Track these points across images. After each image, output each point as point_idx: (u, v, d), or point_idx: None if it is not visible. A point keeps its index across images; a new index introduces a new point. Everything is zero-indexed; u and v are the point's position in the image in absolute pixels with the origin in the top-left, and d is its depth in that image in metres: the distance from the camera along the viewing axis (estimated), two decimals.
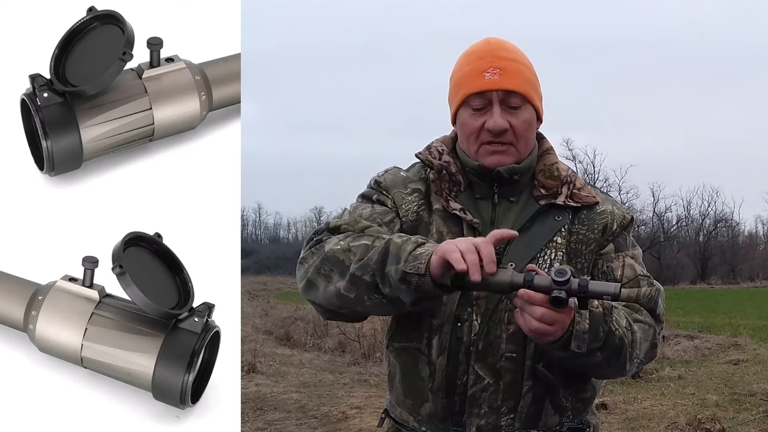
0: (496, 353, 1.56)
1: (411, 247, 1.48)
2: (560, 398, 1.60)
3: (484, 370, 1.56)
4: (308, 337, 11.40)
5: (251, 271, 30.54)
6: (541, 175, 1.67)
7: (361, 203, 1.70)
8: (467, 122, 1.64)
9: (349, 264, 1.52)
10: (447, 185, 1.64)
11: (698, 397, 6.99)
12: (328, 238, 1.60)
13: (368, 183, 1.73)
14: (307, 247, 1.62)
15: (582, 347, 1.49)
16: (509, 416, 1.57)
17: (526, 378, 1.57)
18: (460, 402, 1.57)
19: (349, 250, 1.54)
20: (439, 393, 1.58)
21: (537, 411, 1.58)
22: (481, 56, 1.64)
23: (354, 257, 1.53)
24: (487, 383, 1.56)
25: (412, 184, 1.68)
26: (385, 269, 1.48)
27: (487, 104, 1.61)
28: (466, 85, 1.63)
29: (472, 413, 1.57)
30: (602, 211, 1.66)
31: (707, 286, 29.40)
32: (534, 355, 1.57)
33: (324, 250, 1.57)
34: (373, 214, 1.65)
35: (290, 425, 6.46)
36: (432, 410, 1.59)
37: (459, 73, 1.67)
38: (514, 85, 1.61)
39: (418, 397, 1.61)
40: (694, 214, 42.40)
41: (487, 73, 1.61)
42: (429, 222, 1.63)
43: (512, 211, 1.64)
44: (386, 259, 1.49)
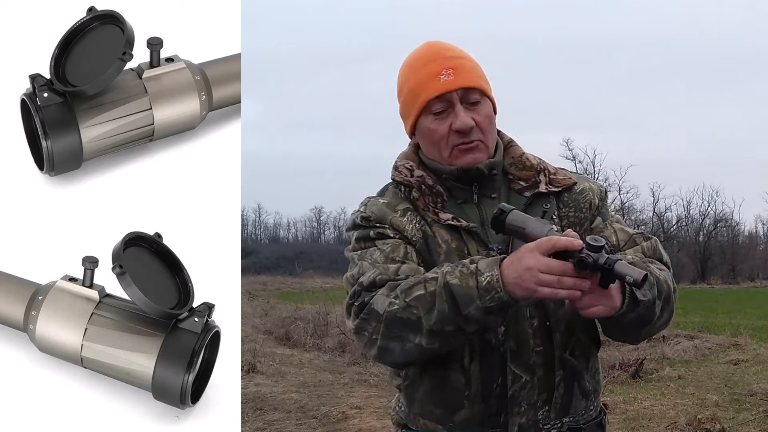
0: (528, 350, 1.58)
1: (473, 282, 1.45)
2: (585, 382, 1.64)
3: (520, 368, 1.57)
4: (308, 337, 11.38)
5: (251, 271, 30.51)
6: (513, 169, 1.67)
7: (367, 248, 1.62)
8: (432, 128, 1.63)
9: (417, 320, 1.48)
10: (430, 199, 1.63)
11: (698, 397, 6.98)
12: (370, 298, 1.54)
13: (352, 224, 1.67)
14: (353, 314, 1.55)
15: (647, 295, 1.49)
16: (544, 409, 1.59)
17: (557, 369, 1.60)
18: (497, 404, 1.58)
19: (408, 306, 1.49)
20: (476, 399, 1.58)
21: (568, 399, 1.61)
22: (429, 60, 1.63)
23: (419, 312, 1.48)
24: (524, 381, 1.58)
25: (399, 206, 1.65)
26: (463, 313, 1.46)
27: (448, 106, 1.61)
28: (424, 92, 1.61)
29: (513, 413, 1.58)
30: (582, 190, 1.69)
31: (707, 286, 29.37)
32: (561, 345, 1.60)
33: (378, 313, 1.51)
34: (388, 255, 1.59)
35: (290, 425, 6.46)
36: (468, 416, 1.59)
37: (410, 83, 1.65)
38: (470, 81, 1.62)
39: (450, 406, 1.60)
40: (694, 214, 42.45)
41: (442, 75, 1.60)
42: (433, 234, 1.62)
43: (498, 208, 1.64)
44: (457, 304, 1.45)
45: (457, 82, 1.60)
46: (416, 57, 1.66)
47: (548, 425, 1.59)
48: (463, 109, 1.60)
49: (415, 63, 1.65)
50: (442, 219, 1.61)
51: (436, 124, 1.62)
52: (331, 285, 16.69)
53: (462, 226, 1.60)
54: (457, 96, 1.60)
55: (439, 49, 1.66)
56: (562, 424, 1.60)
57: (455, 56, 1.64)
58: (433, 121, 1.62)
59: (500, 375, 1.57)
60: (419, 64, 1.64)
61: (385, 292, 1.53)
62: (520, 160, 1.68)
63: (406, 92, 1.66)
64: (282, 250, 48.13)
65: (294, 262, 33.74)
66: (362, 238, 1.64)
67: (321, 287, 16.11)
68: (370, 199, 1.68)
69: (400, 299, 1.50)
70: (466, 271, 1.47)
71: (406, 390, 1.66)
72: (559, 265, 1.41)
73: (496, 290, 1.44)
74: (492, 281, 1.44)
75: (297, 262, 31.89)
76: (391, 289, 1.52)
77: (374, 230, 1.63)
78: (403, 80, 1.67)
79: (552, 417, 1.60)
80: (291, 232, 61.60)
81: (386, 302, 1.51)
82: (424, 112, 1.63)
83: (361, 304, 1.54)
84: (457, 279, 1.47)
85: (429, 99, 1.61)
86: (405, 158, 1.70)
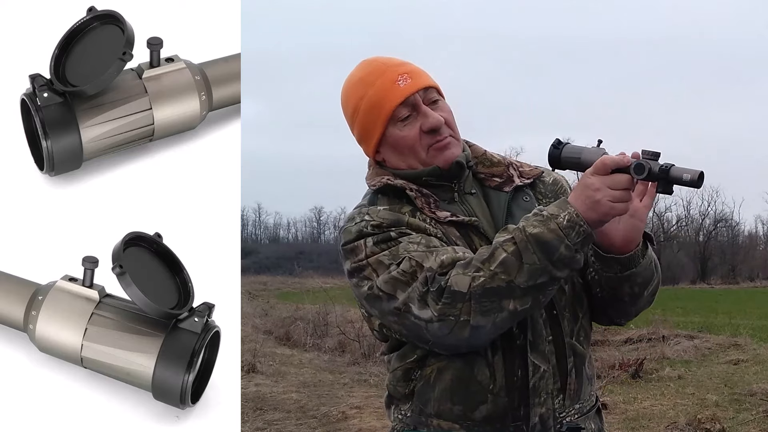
0: (542, 339, 1.59)
1: (554, 225, 1.47)
2: (588, 367, 1.66)
3: (539, 358, 1.58)
4: (308, 337, 11.39)
5: (251, 271, 30.50)
6: (481, 167, 1.67)
7: (395, 246, 1.55)
8: (403, 135, 1.62)
9: (508, 283, 1.46)
10: (423, 200, 1.61)
11: (698, 397, 6.98)
12: (446, 281, 1.48)
13: (358, 234, 1.57)
14: (432, 302, 1.48)
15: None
16: (559, 397, 1.60)
17: (569, 355, 1.61)
18: (518, 396, 1.58)
19: (494, 273, 1.46)
20: (500, 393, 1.58)
21: (579, 385, 1.63)
22: (380, 73, 1.63)
23: (509, 274, 1.46)
24: (543, 371, 1.58)
25: (403, 209, 1.61)
26: (554, 258, 1.47)
27: (413, 110, 1.61)
28: (387, 101, 1.60)
29: (534, 403, 1.58)
30: (555, 180, 1.72)
31: (707, 286, 29.35)
32: (569, 332, 1.62)
33: (462, 292, 1.47)
34: (427, 245, 1.53)
35: (290, 425, 6.46)
36: (491, 411, 1.58)
37: (367, 97, 1.62)
38: (428, 81, 1.63)
39: (471, 403, 1.58)
40: (694, 214, 42.43)
41: (400, 81, 1.61)
42: (446, 231, 1.60)
43: (482, 204, 1.64)
44: (548, 250, 1.46)
45: (416, 84, 1.61)
46: (364, 73, 1.65)
47: (563, 413, 1.61)
48: (428, 108, 1.61)
49: (366, 78, 1.64)
50: (440, 217, 1.60)
51: (406, 130, 1.61)
52: (331, 285, 16.71)
53: (464, 221, 1.60)
54: (420, 98, 1.61)
55: (384, 60, 1.66)
56: (574, 410, 1.62)
57: (402, 63, 1.65)
58: (402, 128, 1.61)
59: (520, 367, 1.58)
60: (372, 78, 1.63)
61: (459, 270, 1.48)
62: (486, 157, 1.69)
63: (365, 109, 1.63)
64: (282, 250, 48.11)
65: (294, 262, 33.74)
66: (383, 240, 1.56)
67: (321, 287, 16.12)
68: (368, 208, 1.61)
69: (484, 270, 1.47)
70: (541, 219, 1.48)
71: (420, 391, 1.62)
72: (622, 177, 1.47)
73: (579, 224, 1.46)
74: (572, 217, 1.47)
75: (297, 262, 31.89)
76: (465, 266, 1.48)
77: (394, 231, 1.56)
78: (358, 98, 1.64)
79: (567, 404, 1.61)
80: (291, 232, 61.63)
81: (467, 279, 1.47)
82: (390, 122, 1.62)
83: (439, 288, 1.48)
84: (537, 228, 1.47)
85: (395, 106, 1.60)
86: (377, 175, 1.66)
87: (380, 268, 1.54)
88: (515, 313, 1.49)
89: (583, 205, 1.48)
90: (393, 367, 1.65)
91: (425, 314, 1.49)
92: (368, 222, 1.58)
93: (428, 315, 1.49)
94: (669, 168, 1.47)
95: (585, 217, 1.47)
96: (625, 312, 1.70)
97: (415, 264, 1.51)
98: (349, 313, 11.41)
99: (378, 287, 1.54)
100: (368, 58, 1.69)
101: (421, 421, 1.63)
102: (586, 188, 1.48)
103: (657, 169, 1.47)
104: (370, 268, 1.55)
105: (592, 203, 1.47)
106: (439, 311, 1.48)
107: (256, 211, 57.18)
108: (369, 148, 1.67)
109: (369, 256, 1.56)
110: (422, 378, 1.62)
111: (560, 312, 1.61)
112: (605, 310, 1.69)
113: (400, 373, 1.64)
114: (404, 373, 1.64)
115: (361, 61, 1.69)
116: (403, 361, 1.63)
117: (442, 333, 1.50)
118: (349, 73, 1.69)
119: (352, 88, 1.66)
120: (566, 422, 1.61)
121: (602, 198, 1.46)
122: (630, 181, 1.48)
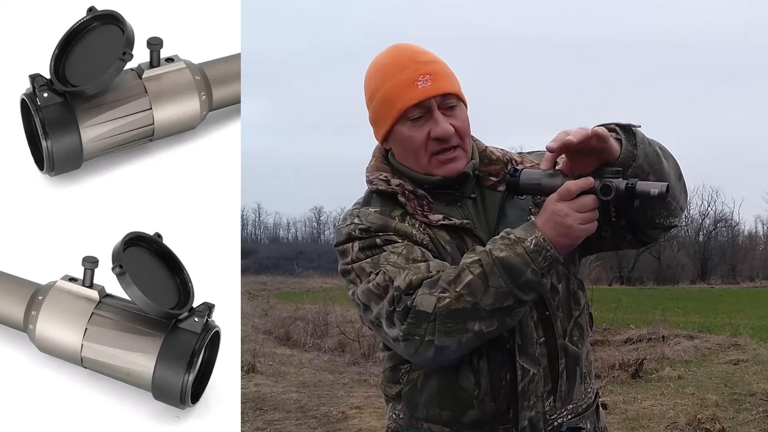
0: (532, 343, 1.58)
1: (521, 249, 1.46)
2: (582, 366, 1.65)
3: (528, 362, 1.58)
4: (308, 337, 11.38)
5: (251, 271, 30.47)
6: (480, 165, 1.66)
7: (376, 255, 1.56)
8: (410, 136, 1.59)
9: (473, 305, 1.45)
10: (416, 202, 1.60)
11: (698, 397, 6.98)
12: (412, 301, 1.48)
13: (347, 237, 1.60)
14: (398, 321, 1.49)
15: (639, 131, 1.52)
16: (550, 399, 1.60)
17: (560, 357, 1.61)
18: (507, 401, 1.58)
19: (460, 295, 1.45)
20: (486, 398, 1.58)
21: (571, 386, 1.63)
22: (403, 66, 1.60)
23: (474, 297, 1.45)
24: (532, 374, 1.58)
25: (394, 212, 1.61)
26: (520, 281, 1.45)
27: (426, 112, 1.58)
28: (401, 99, 1.58)
29: (524, 407, 1.58)
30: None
31: (707, 286, 29.30)
32: (561, 333, 1.61)
33: (428, 312, 1.46)
34: (407, 257, 1.53)
35: (290, 425, 6.46)
36: (479, 416, 1.58)
37: (384, 89, 1.61)
38: (448, 87, 1.60)
39: (458, 407, 1.59)
40: (694, 214, 42.41)
41: (419, 82, 1.58)
42: (434, 236, 1.59)
43: (479, 207, 1.64)
44: (513, 274, 1.45)
45: (435, 89, 1.58)
46: (389, 62, 1.62)
47: (554, 415, 1.60)
48: (441, 115, 1.58)
49: (388, 69, 1.61)
50: (432, 221, 1.59)
51: (415, 131, 1.59)
52: (331, 285, 16.69)
53: (456, 224, 1.59)
54: (435, 102, 1.58)
55: (412, 53, 1.62)
56: (567, 411, 1.62)
57: (429, 61, 1.61)
58: (411, 128, 1.59)
59: (508, 371, 1.57)
60: (393, 70, 1.60)
61: (426, 290, 1.48)
62: (485, 154, 1.67)
63: (379, 99, 1.62)
64: (282, 250, 48.07)
65: (294, 262, 33.74)
66: (368, 246, 1.57)
67: (321, 287, 16.11)
68: (360, 209, 1.62)
69: (450, 291, 1.46)
70: (508, 242, 1.47)
71: (407, 395, 1.63)
72: (588, 199, 1.46)
73: (546, 248, 1.46)
74: (539, 242, 1.46)
75: (297, 262, 31.89)
76: (431, 286, 1.48)
77: (380, 238, 1.57)
78: (376, 86, 1.62)
79: (558, 406, 1.60)
80: (291, 232, 61.57)
81: (432, 299, 1.47)
82: (400, 119, 1.60)
83: (405, 308, 1.48)
84: (504, 251, 1.46)
85: (408, 106, 1.58)
86: (376, 170, 1.66)
87: (362, 276, 1.56)
88: (480, 334, 1.48)
89: (553, 232, 1.46)
90: (384, 367, 1.68)
91: (392, 333, 1.52)
92: (357, 225, 1.60)
93: (395, 333, 1.51)
94: (634, 185, 1.45)
95: (556, 243, 1.46)
96: (669, 211, 1.60)
97: (388, 279, 1.52)
98: (349, 313, 11.40)
99: (357, 296, 1.57)
100: (399, 45, 1.66)
101: (413, 423, 1.64)
102: (555, 215, 1.46)
103: (623, 186, 1.45)
104: (354, 273, 1.58)
105: (564, 229, 1.46)
106: (405, 331, 1.49)
107: (255, 211, 57.17)
108: (378, 135, 1.67)
109: (354, 261, 1.58)
110: (409, 382, 1.63)
111: (553, 313, 1.60)
112: (651, 223, 1.60)
113: (389, 372, 1.66)
114: (392, 373, 1.66)
115: (393, 45, 1.66)
116: (392, 361, 1.65)
117: (408, 352, 1.52)
118: (374, 58, 1.65)
119: (374, 74, 1.64)
120: (565, 423, 1.61)
121: (573, 223, 1.46)
122: (596, 200, 1.47)
